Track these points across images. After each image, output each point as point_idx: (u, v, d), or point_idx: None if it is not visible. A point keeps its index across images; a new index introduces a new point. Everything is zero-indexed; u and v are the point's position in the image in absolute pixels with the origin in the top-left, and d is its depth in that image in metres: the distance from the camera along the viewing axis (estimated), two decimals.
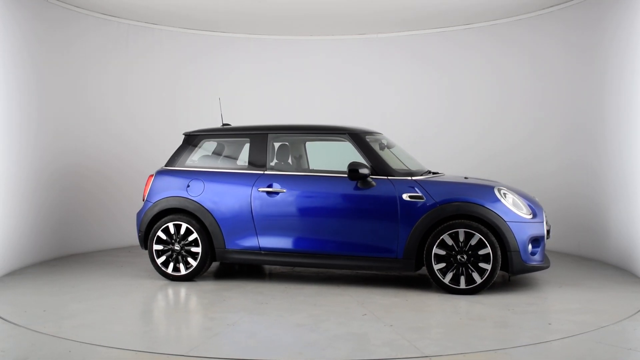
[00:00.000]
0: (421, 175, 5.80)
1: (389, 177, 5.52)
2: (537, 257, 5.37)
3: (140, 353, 3.72)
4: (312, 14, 7.87)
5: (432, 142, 8.70)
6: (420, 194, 5.38)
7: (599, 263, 6.84)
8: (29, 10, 6.74)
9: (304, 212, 5.65)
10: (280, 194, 5.69)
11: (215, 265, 6.73)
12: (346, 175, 5.51)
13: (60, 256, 7.29)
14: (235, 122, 6.81)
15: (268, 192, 5.71)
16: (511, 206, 5.30)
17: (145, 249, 6.02)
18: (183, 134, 6.30)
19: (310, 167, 6.62)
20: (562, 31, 7.63)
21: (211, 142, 6.27)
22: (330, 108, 8.92)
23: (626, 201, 6.36)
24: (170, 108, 8.55)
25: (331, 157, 6.34)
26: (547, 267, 5.49)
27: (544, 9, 7.81)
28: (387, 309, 4.81)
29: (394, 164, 6.18)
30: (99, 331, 4.24)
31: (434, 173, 6.28)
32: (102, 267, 6.67)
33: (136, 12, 7.85)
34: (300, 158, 6.63)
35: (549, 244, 7.09)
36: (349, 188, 5.55)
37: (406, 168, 6.03)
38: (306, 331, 4.22)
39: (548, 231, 5.53)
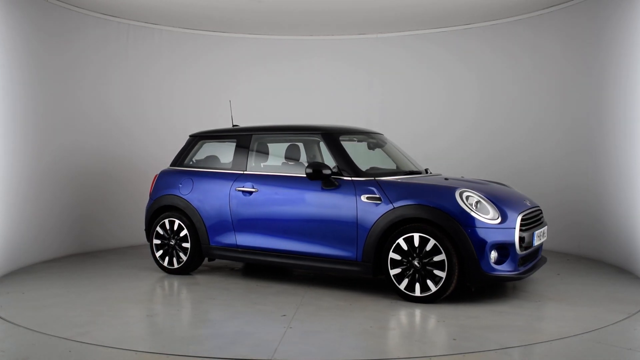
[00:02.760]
0: (405, 174, 5.58)
1: (352, 178, 5.36)
2: (504, 266, 4.86)
3: (140, 353, 3.74)
4: (312, 14, 7.81)
5: (433, 142, 8.44)
6: (378, 196, 5.17)
7: (598, 263, 6.73)
8: (29, 10, 6.75)
9: (273, 211, 5.69)
10: (253, 193, 5.81)
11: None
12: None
13: (81, 252, 7.57)
14: (236, 123, 7.03)
15: (243, 192, 5.86)
16: (472, 210, 4.86)
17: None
18: (189, 136, 6.69)
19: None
20: (563, 31, 7.27)
21: (209, 143, 6.56)
22: (330, 108, 8.81)
23: (626, 201, 6.12)
24: (170, 108, 8.56)
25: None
26: (522, 278, 4.94)
27: (544, 8, 7.38)
28: (316, 312, 4.71)
29: (390, 164, 6.02)
30: (46, 314, 4.67)
31: (431, 173, 6.02)
32: (112, 261, 7.04)
33: (136, 12, 7.88)
34: (314, 158, 6.66)
35: (548, 244, 6.78)
36: (315, 188, 5.49)
37: (389, 168, 5.84)
38: (204, 327, 4.32)
39: (522, 239, 4.95)
